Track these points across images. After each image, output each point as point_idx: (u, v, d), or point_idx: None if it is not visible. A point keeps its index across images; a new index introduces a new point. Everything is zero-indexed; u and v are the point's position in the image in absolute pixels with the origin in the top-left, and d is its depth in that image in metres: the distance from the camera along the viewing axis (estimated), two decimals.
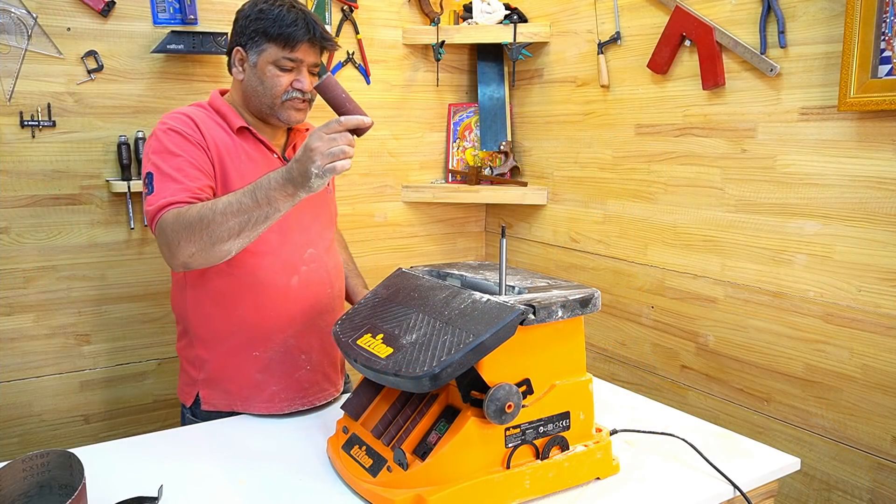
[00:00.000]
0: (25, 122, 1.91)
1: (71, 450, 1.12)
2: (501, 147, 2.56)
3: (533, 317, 1.08)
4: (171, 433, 1.40)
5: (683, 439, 1.32)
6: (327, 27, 2.31)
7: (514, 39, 2.41)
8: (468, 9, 2.53)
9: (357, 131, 1.22)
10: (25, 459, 1.05)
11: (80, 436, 2.09)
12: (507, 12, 2.45)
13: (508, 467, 1.11)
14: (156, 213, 1.32)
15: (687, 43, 1.91)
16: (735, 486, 1.20)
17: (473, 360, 1.03)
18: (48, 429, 2.05)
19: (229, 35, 1.53)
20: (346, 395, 1.63)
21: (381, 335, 1.17)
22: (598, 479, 1.21)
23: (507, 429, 1.11)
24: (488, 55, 2.60)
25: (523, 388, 1.11)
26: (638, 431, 1.37)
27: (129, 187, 1.99)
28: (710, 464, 1.24)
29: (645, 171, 2.09)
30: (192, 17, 2.06)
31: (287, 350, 1.52)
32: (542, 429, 1.15)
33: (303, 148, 1.18)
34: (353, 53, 2.39)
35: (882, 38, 1.47)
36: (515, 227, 2.65)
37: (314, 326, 1.55)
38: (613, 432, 1.30)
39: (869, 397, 1.59)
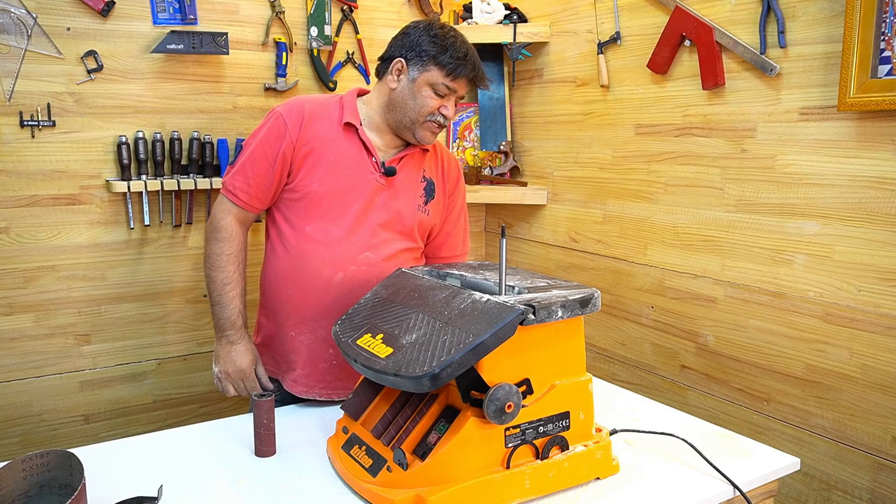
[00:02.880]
0: (25, 122, 1.91)
1: (71, 450, 1.12)
2: (501, 147, 2.56)
3: (533, 317, 1.08)
4: (171, 433, 1.41)
5: (683, 439, 1.32)
6: (327, 27, 2.32)
7: (514, 39, 2.41)
8: (468, 9, 2.53)
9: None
10: (25, 459, 1.05)
11: (80, 436, 2.08)
12: (507, 12, 2.45)
13: (508, 467, 1.11)
14: (223, 185, 1.59)
15: (687, 43, 1.91)
16: (735, 486, 1.20)
17: (473, 360, 1.03)
18: (48, 429, 2.05)
19: (391, 45, 1.60)
20: None
21: (381, 335, 1.18)
22: (597, 479, 1.21)
23: (507, 429, 1.11)
24: (488, 55, 2.60)
25: (523, 388, 1.11)
26: (638, 431, 1.37)
27: (128, 187, 1.99)
28: (710, 464, 1.24)
29: (645, 171, 2.09)
30: (192, 17, 2.06)
31: (317, 339, 1.58)
32: (541, 429, 1.15)
33: (227, 359, 1.57)
34: (352, 53, 2.39)
35: (882, 38, 1.47)
36: (515, 227, 2.65)
37: None
38: (613, 432, 1.30)
39: (869, 397, 1.59)
